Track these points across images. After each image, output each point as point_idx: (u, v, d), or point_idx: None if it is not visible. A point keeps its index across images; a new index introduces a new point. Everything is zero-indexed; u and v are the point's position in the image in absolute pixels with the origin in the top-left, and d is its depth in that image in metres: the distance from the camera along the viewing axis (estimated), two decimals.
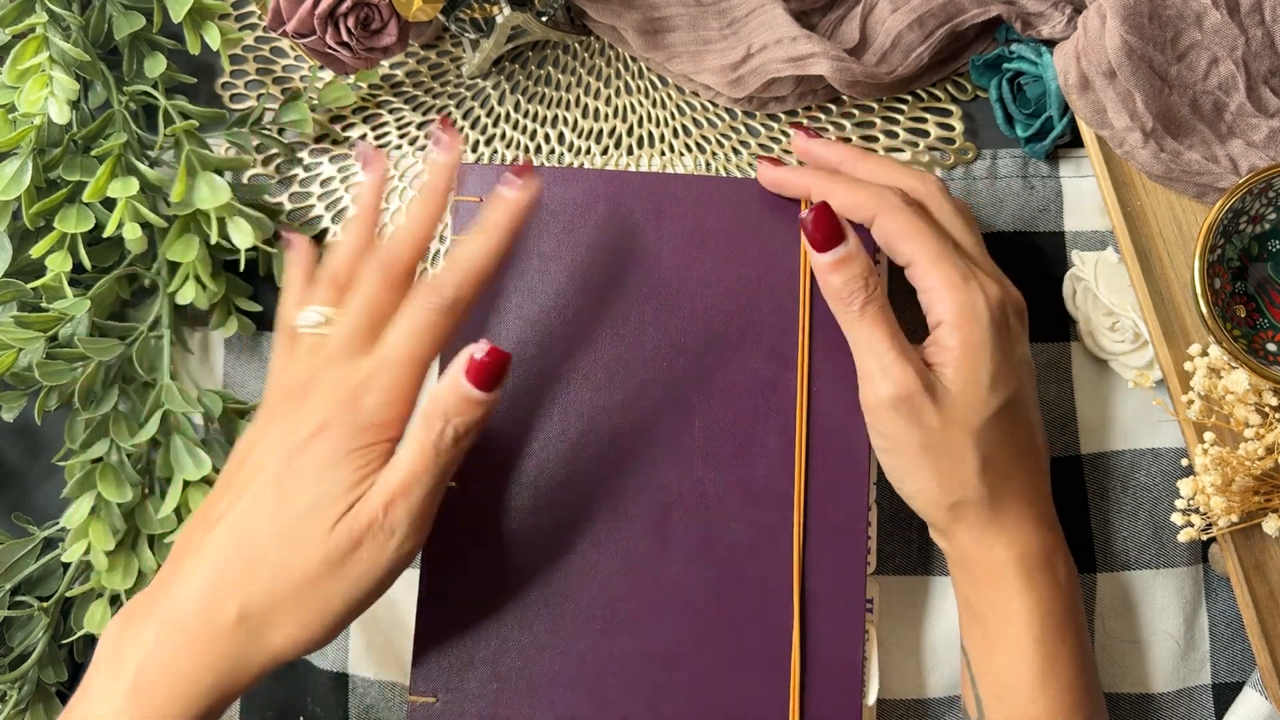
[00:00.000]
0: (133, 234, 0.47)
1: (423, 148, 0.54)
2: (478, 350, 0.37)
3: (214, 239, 0.48)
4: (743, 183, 0.46)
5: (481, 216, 0.40)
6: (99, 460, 0.48)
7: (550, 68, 0.55)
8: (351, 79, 0.54)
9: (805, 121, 0.53)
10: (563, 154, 0.54)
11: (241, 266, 0.50)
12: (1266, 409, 0.45)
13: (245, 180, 0.54)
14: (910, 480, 0.41)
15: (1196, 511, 0.46)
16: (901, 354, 0.39)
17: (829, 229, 0.40)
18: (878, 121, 0.53)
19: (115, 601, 0.48)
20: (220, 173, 0.49)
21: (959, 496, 0.40)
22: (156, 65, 0.51)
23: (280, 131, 0.54)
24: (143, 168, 0.49)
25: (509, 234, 0.39)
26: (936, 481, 0.40)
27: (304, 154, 0.54)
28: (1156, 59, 0.47)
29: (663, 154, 0.53)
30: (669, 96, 0.54)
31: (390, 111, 0.54)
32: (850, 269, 0.40)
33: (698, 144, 0.53)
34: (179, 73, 0.53)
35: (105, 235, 0.47)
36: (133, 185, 0.47)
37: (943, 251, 0.40)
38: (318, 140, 0.54)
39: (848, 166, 0.44)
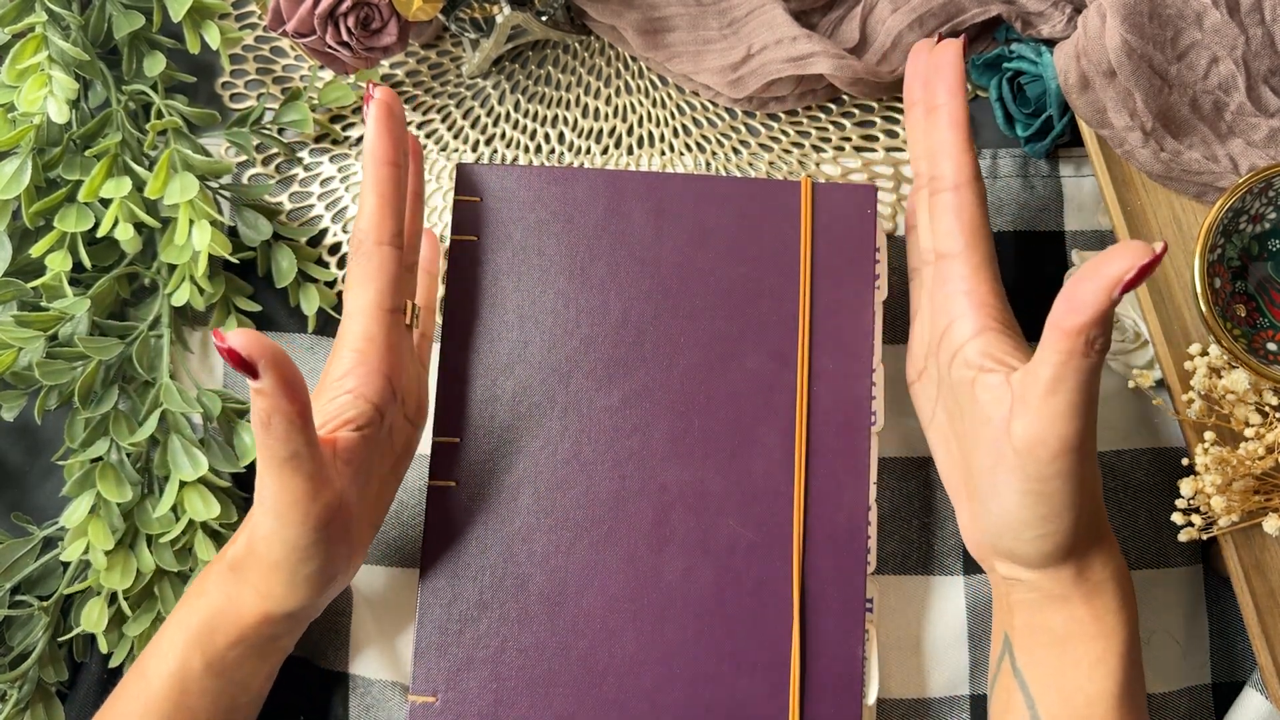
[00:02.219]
0: (125, 234, 0.47)
1: (422, 147, 0.54)
2: (230, 339, 0.34)
3: (181, 239, 0.47)
4: (743, 183, 0.46)
5: (367, 153, 0.40)
6: (98, 459, 0.48)
7: (550, 68, 0.55)
8: (351, 79, 0.54)
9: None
10: (563, 154, 0.54)
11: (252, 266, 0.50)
12: (1267, 408, 0.45)
13: (245, 180, 0.54)
14: (1034, 510, 0.36)
15: (1196, 511, 0.46)
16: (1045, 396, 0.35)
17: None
18: (878, 121, 0.53)
19: (114, 600, 0.48)
20: (204, 175, 0.49)
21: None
22: (156, 65, 0.51)
23: (280, 131, 0.54)
24: (138, 168, 0.49)
25: (386, 157, 0.39)
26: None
27: (304, 154, 0.54)
28: (1156, 58, 0.47)
29: (663, 154, 0.53)
30: (669, 96, 0.54)
31: None
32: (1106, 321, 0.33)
33: (698, 144, 0.53)
34: (179, 72, 0.53)
35: (100, 235, 0.47)
36: (126, 185, 0.47)
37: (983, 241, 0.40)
38: (318, 140, 0.54)
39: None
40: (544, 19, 0.52)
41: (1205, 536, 0.46)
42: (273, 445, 0.35)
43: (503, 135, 0.54)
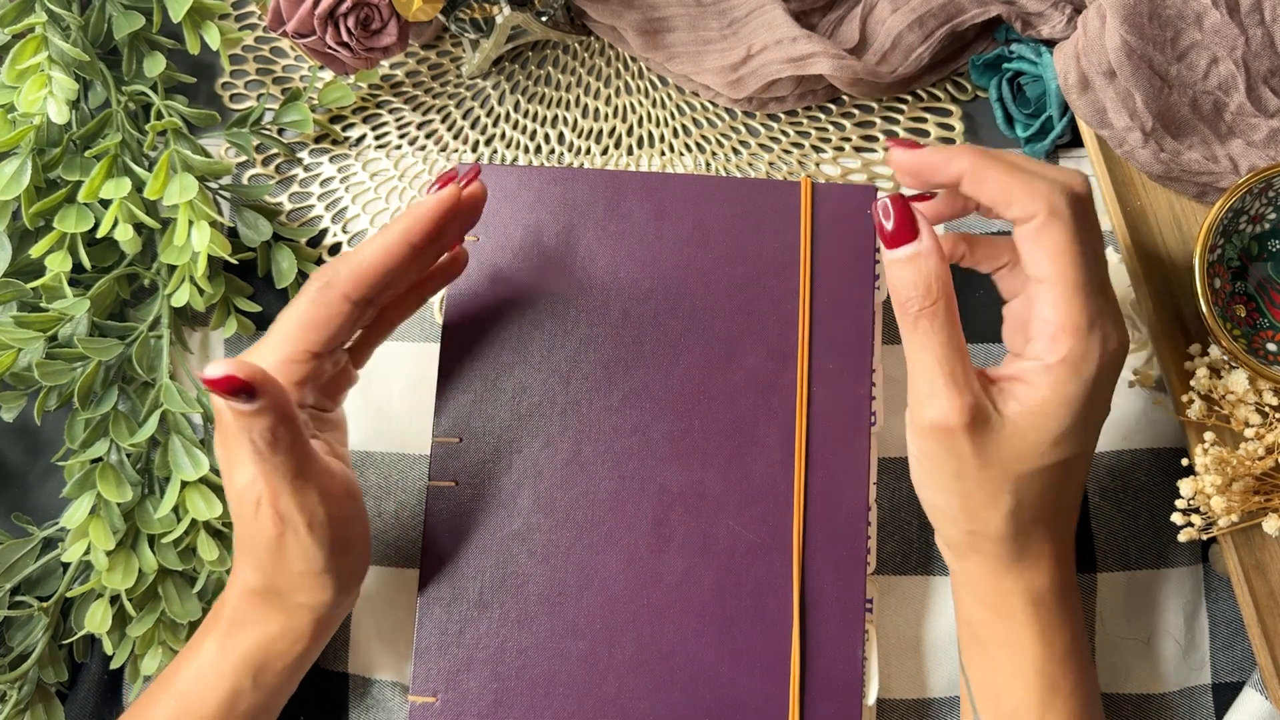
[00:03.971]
0: (124, 235, 0.47)
1: (422, 147, 0.54)
2: (209, 371, 0.33)
3: (180, 239, 0.47)
4: (743, 183, 0.46)
5: (403, 217, 0.39)
6: (99, 460, 0.48)
7: (550, 68, 0.55)
8: (351, 79, 0.54)
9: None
10: (563, 154, 0.54)
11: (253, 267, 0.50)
12: (1266, 409, 0.45)
13: (245, 180, 0.54)
14: (933, 496, 0.39)
15: (1196, 511, 0.46)
16: (951, 379, 0.35)
17: (902, 222, 0.36)
18: (878, 121, 0.53)
19: (115, 601, 0.48)
20: (204, 176, 0.49)
21: (978, 529, 0.38)
22: (156, 65, 0.51)
23: (280, 131, 0.54)
24: (138, 168, 0.49)
25: (407, 238, 0.38)
26: (960, 508, 0.37)
27: (304, 154, 0.54)
28: (1156, 59, 0.47)
29: (663, 154, 0.53)
30: (669, 96, 0.54)
31: (390, 111, 0.54)
32: (915, 270, 0.36)
33: (698, 144, 0.53)
34: (179, 72, 0.53)
35: (99, 235, 0.47)
36: (126, 186, 0.47)
37: (1084, 285, 0.35)
38: (318, 140, 0.54)
39: (979, 170, 0.36)
40: (544, 19, 0.52)
41: (1205, 536, 0.46)
42: (284, 461, 0.35)
43: (503, 135, 0.54)
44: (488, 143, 0.54)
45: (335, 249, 0.53)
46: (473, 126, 0.54)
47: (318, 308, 0.37)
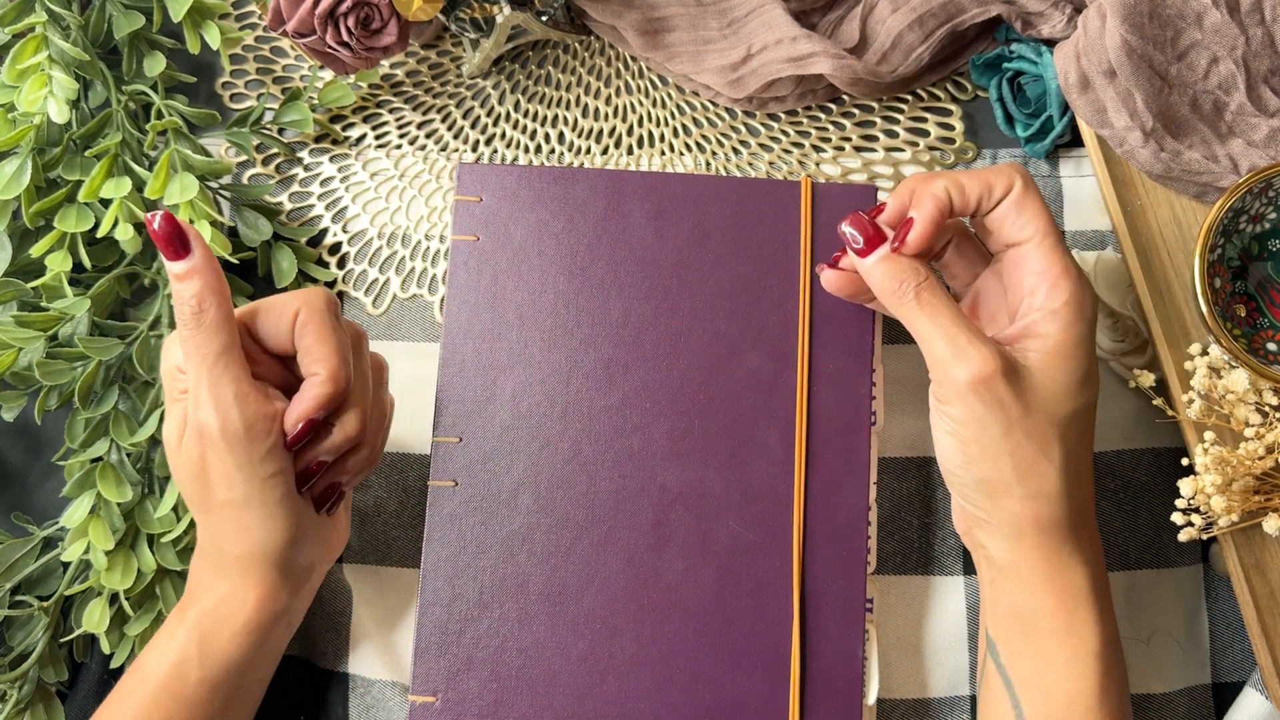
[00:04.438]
0: (125, 234, 0.47)
1: (422, 147, 0.54)
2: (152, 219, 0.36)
3: None
4: (743, 183, 0.46)
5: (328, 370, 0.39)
6: (99, 460, 0.48)
7: (550, 68, 0.55)
8: (351, 79, 0.54)
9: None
10: (563, 154, 0.54)
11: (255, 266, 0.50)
12: (1266, 408, 0.45)
13: (245, 180, 0.54)
14: (981, 467, 0.38)
15: (1196, 511, 0.46)
16: (973, 333, 0.37)
17: (870, 234, 0.39)
18: (878, 121, 0.53)
19: (114, 601, 0.48)
20: (204, 175, 0.49)
21: (1037, 487, 0.37)
22: (156, 65, 0.51)
23: (280, 131, 0.54)
24: (138, 168, 0.49)
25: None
26: (1014, 471, 0.37)
27: (304, 154, 0.54)
28: (1156, 58, 0.47)
29: (663, 154, 0.53)
30: (669, 96, 0.54)
31: (390, 111, 0.54)
32: (895, 263, 0.39)
33: (698, 144, 0.53)
34: (179, 72, 0.53)
35: (99, 235, 0.47)
36: (126, 185, 0.47)
37: (1061, 239, 0.39)
38: (318, 140, 0.54)
39: (954, 183, 0.40)
40: (544, 19, 0.52)
41: (1205, 536, 0.46)
42: (205, 338, 0.35)
43: (503, 135, 0.54)
44: (488, 143, 0.54)
45: (335, 249, 0.53)
46: (473, 126, 0.54)
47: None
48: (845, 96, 0.53)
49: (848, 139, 0.53)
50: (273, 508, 0.38)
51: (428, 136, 0.54)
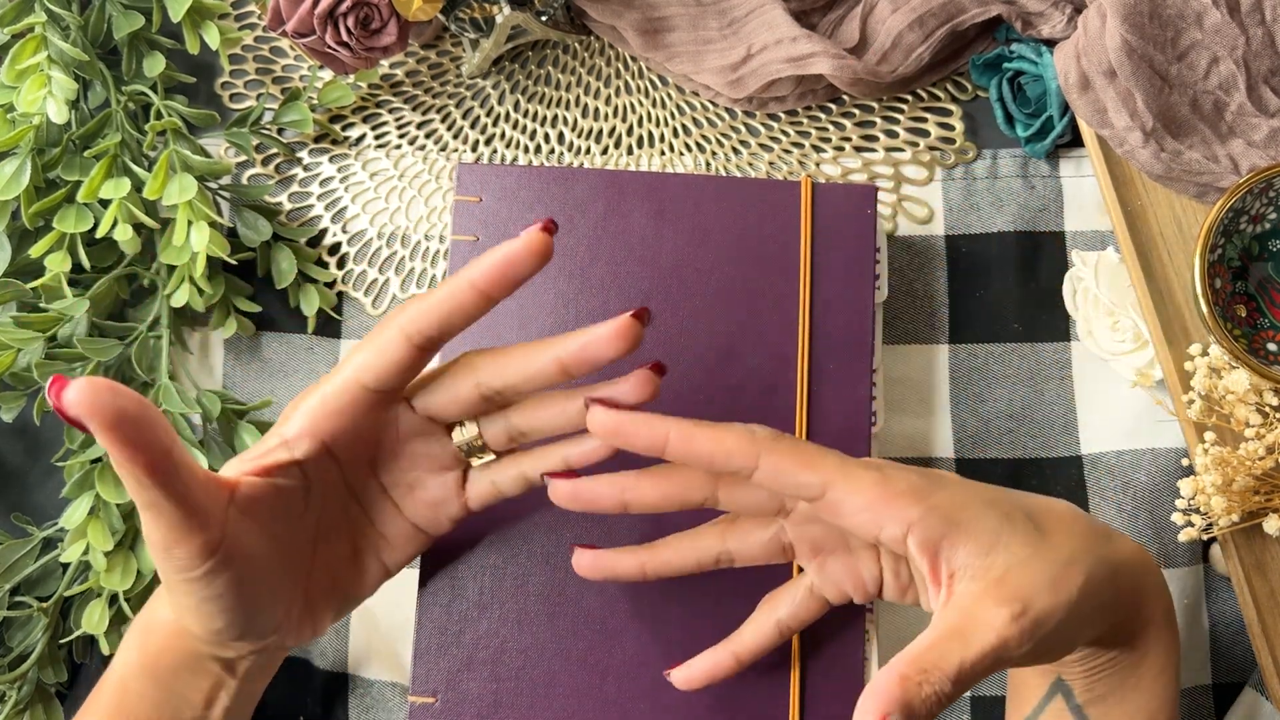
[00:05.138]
0: (124, 235, 0.47)
1: (422, 147, 0.54)
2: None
3: (179, 240, 0.47)
4: (743, 183, 0.46)
5: (474, 261, 0.36)
6: (98, 460, 0.48)
7: (550, 68, 0.55)
8: (351, 79, 0.54)
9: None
10: (563, 154, 0.54)
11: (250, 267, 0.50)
12: (1267, 409, 0.45)
13: (245, 180, 0.54)
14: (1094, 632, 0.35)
15: (1197, 511, 0.46)
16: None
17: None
18: (878, 121, 0.53)
19: (114, 602, 0.48)
20: (203, 176, 0.49)
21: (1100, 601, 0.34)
22: (155, 65, 0.51)
23: (280, 131, 0.54)
24: (137, 168, 0.49)
25: (473, 281, 0.35)
26: (1091, 606, 0.34)
27: (304, 154, 0.54)
28: (1157, 58, 0.47)
29: (663, 154, 0.53)
30: (669, 96, 0.54)
31: (390, 111, 0.54)
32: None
33: (698, 144, 0.53)
34: (178, 72, 0.53)
35: (99, 236, 0.47)
36: (125, 186, 0.47)
37: (846, 458, 0.35)
38: (317, 140, 0.54)
39: (676, 439, 0.35)
40: (544, 19, 0.52)
41: (1205, 536, 0.46)
42: (131, 490, 0.32)
43: (503, 135, 0.54)
44: (488, 143, 0.54)
45: (335, 249, 0.53)
46: (473, 126, 0.54)
47: (372, 340, 0.36)
48: (845, 96, 0.53)
49: (848, 139, 0.53)
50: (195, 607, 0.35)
51: (427, 136, 0.54)
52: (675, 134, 0.54)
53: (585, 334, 0.35)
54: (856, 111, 0.53)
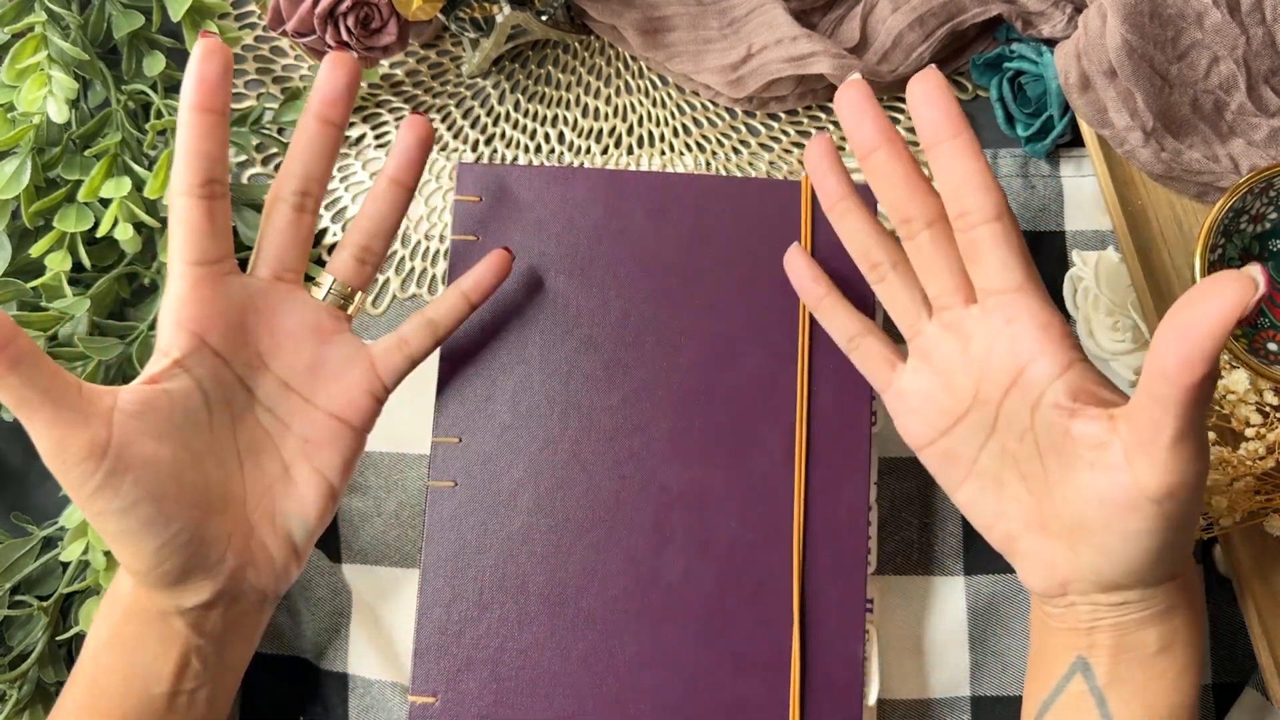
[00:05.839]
0: (124, 234, 0.47)
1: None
2: None
3: None
4: (743, 183, 0.46)
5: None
6: None
7: (550, 67, 0.55)
8: None
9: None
10: (563, 154, 0.54)
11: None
12: (1267, 408, 0.45)
13: (245, 180, 0.54)
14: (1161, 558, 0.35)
15: None
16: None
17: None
18: None
19: None
20: None
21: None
22: (155, 64, 0.51)
23: (280, 131, 0.54)
24: (138, 168, 0.49)
25: (198, 92, 0.36)
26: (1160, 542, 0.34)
27: None
28: (1157, 58, 0.47)
29: (663, 154, 0.53)
30: (669, 96, 0.54)
31: (390, 111, 0.54)
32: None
33: (698, 144, 0.53)
34: (179, 72, 0.53)
35: (99, 235, 0.47)
36: (126, 185, 0.47)
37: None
38: None
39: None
40: (544, 19, 0.52)
41: (1206, 536, 0.46)
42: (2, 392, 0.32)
43: (503, 135, 0.54)
44: (488, 143, 0.54)
45: (334, 249, 0.53)
46: (473, 126, 0.54)
47: (170, 215, 0.37)
48: None
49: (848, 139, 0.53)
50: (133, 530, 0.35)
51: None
52: (675, 134, 0.54)
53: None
54: None
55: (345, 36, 0.48)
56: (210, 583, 0.37)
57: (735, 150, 0.53)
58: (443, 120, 0.54)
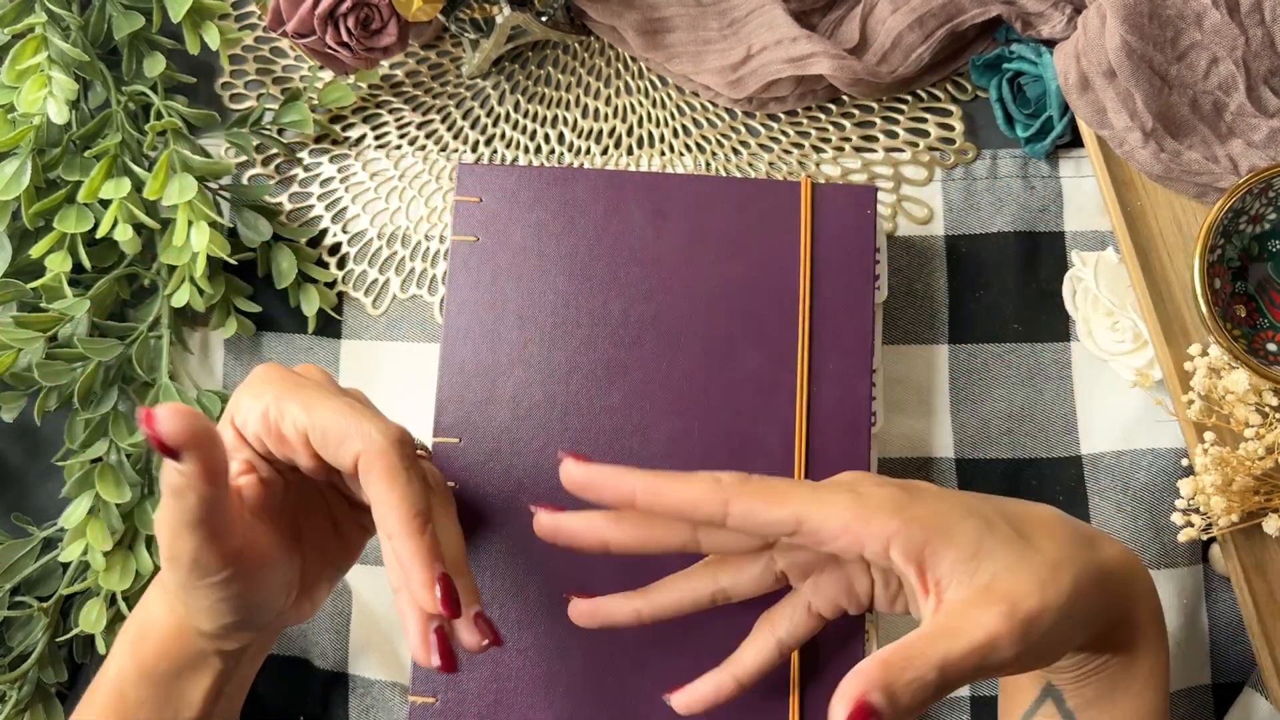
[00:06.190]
0: (124, 235, 0.47)
1: (422, 147, 0.54)
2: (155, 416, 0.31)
3: (180, 240, 0.47)
4: (743, 183, 0.46)
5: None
6: (98, 460, 0.48)
7: (550, 68, 0.55)
8: (351, 79, 0.54)
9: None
10: (563, 154, 0.54)
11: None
12: (1266, 409, 0.45)
13: (245, 181, 0.54)
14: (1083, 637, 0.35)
15: (1196, 511, 0.46)
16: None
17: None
18: (878, 121, 0.53)
19: (113, 601, 0.48)
20: (204, 176, 0.49)
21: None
22: (156, 65, 0.51)
23: (280, 131, 0.54)
24: (138, 169, 0.49)
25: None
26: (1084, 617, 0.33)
27: (304, 154, 0.54)
28: (1156, 59, 0.47)
29: (663, 154, 0.53)
30: (669, 96, 0.54)
31: (390, 111, 0.54)
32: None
33: (698, 144, 0.53)
34: (178, 73, 0.53)
35: (99, 236, 0.47)
36: (125, 186, 0.47)
37: (817, 485, 0.34)
38: (317, 141, 0.54)
39: (643, 493, 0.34)
40: (544, 19, 0.52)
41: (1205, 536, 0.46)
42: (179, 512, 0.32)
43: (503, 135, 0.54)
44: (488, 143, 0.54)
45: (335, 249, 0.53)
46: (473, 126, 0.54)
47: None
48: (845, 97, 0.53)
49: (848, 139, 0.53)
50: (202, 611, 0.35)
51: (427, 137, 0.54)
52: (675, 134, 0.54)
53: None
54: (856, 112, 0.53)
55: (345, 37, 0.48)
56: (262, 632, 0.38)
57: (735, 150, 0.53)
58: (443, 120, 0.54)
